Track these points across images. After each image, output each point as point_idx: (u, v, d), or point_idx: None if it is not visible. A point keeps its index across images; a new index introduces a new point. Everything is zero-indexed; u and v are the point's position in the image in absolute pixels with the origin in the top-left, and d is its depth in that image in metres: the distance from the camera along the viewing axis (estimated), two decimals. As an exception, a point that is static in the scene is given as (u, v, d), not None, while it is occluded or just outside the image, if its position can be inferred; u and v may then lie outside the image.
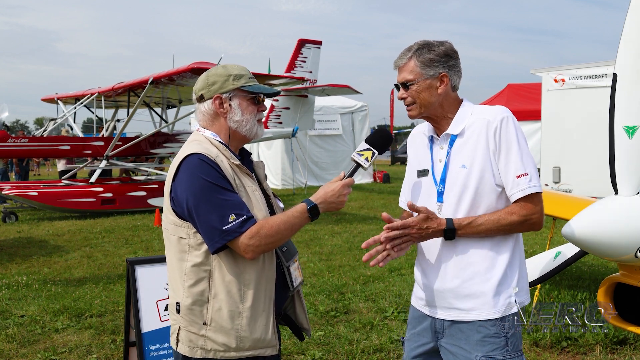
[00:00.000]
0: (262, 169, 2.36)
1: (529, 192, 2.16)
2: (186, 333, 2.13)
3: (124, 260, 6.56)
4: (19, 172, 17.17)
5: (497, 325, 2.20)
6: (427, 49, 2.25)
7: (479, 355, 2.19)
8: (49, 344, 4.70)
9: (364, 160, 2.23)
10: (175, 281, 2.15)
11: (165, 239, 2.23)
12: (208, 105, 2.23)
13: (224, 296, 2.08)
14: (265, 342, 2.15)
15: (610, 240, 2.96)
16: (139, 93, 12.57)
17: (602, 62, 10.66)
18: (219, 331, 2.09)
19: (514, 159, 2.16)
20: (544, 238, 8.12)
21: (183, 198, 2.06)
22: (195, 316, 2.10)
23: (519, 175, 2.16)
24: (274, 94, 2.33)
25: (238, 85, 2.21)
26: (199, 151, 2.10)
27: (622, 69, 3.12)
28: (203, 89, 2.23)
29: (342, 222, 10.82)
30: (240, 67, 2.27)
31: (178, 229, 2.12)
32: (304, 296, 5.83)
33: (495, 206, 2.21)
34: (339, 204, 2.17)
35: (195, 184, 2.05)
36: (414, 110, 2.29)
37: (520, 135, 2.20)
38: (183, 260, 2.12)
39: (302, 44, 16.54)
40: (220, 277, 2.09)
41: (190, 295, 2.10)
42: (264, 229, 2.05)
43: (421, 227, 2.16)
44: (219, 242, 2.03)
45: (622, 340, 4.47)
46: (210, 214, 2.02)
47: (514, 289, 2.22)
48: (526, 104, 18.95)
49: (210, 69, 2.28)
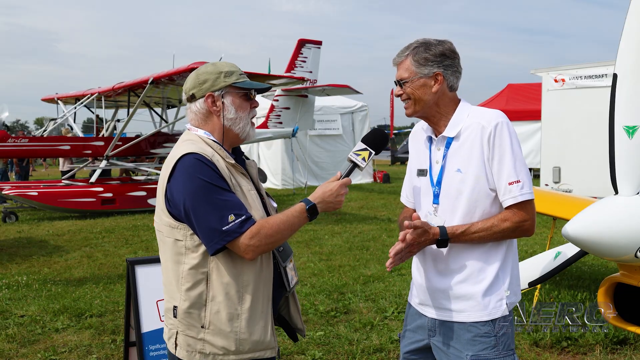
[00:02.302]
0: (254, 168, 2.31)
1: (520, 199, 2.17)
2: (184, 337, 2.08)
3: (124, 260, 6.56)
4: (19, 172, 17.17)
5: (487, 325, 2.21)
6: (424, 48, 2.25)
7: (469, 355, 2.21)
8: (49, 344, 4.70)
9: (360, 160, 2.23)
10: (171, 284, 2.11)
11: (159, 241, 2.17)
12: (200, 105, 2.18)
13: (222, 298, 2.05)
14: (265, 344, 2.13)
15: (610, 240, 2.96)
16: (139, 93, 12.57)
17: (602, 62, 10.66)
18: (218, 334, 2.05)
19: (506, 165, 2.17)
20: (544, 238, 8.12)
21: (180, 199, 2.01)
22: (193, 320, 2.07)
23: (511, 182, 2.17)
24: (265, 89, 2.31)
25: (230, 82, 2.16)
26: (195, 150, 2.05)
27: (622, 69, 3.12)
28: (194, 87, 2.18)
29: (342, 222, 10.82)
30: (230, 64, 2.22)
31: (174, 230, 2.07)
32: (305, 296, 5.86)
33: (490, 211, 2.22)
34: (337, 204, 2.15)
35: (193, 185, 2.00)
36: (409, 108, 2.30)
37: (514, 142, 2.19)
38: (179, 263, 2.07)
39: (302, 44, 16.53)
40: (218, 279, 2.05)
41: (187, 298, 2.06)
42: (264, 229, 2.02)
43: (419, 242, 2.18)
44: (219, 243, 1.98)
45: (622, 340, 4.47)
46: (208, 215, 1.98)
47: (506, 292, 2.24)
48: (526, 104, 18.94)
49: (199, 68, 2.23)
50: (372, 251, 8.28)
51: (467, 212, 2.22)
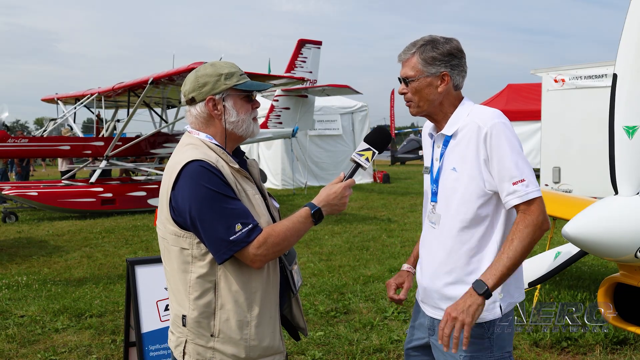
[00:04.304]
0: (255, 168, 2.25)
1: (526, 198, 2.10)
2: (194, 346, 2.05)
3: (124, 260, 6.56)
4: (20, 173, 17.16)
5: (480, 327, 2.20)
6: (431, 47, 2.22)
7: (462, 355, 2.20)
8: (49, 344, 4.70)
9: (364, 160, 2.19)
10: (180, 293, 2.06)
11: (163, 249, 2.13)
12: (201, 108, 2.12)
13: (232, 306, 2.01)
14: (274, 349, 2.11)
15: (610, 240, 2.96)
16: (139, 93, 12.56)
17: (602, 62, 10.66)
18: (228, 342, 2.02)
19: (507, 165, 2.11)
20: (544, 238, 8.12)
21: (185, 208, 1.97)
22: (202, 328, 2.03)
23: (516, 182, 2.10)
24: (266, 88, 2.29)
25: (230, 84, 2.10)
26: (199, 157, 1.99)
27: (622, 69, 3.13)
28: (193, 91, 2.11)
29: (342, 222, 10.82)
30: (229, 65, 2.15)
31: (179, 239, 2.02)
32: (305, 296, 5.86)
33: (485, 211, 2.19)
34: (342, 206, 2.11)
35: (198, 193, 1.95)
36: (413, 107, 2.28)
37: (512, 140, 2.14)
38: (187, 272, 2.03)
39: (302, 44, 16.52)
40: (226, 287, 2.01)
41: (196, 307, 2.02)
42: (271, 238, 1.98)
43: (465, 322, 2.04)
44: (227, 253, 1.94)
45: (622, 340, 4.47)
46: (215, 225, 1.94)
47: (499, 294, 2.21)
48: (526, 104, 18.96)
49: (199, 69, 2.15)
50: (372, 251, 8.28)
51: (462, 212, 2.21)
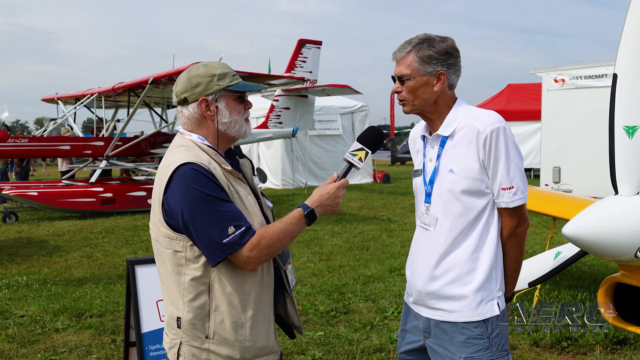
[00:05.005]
0: (248, 167, 2.25)
1: (512, 205, 2.22)
2: (188, 348, 2.05)
3: (124, 260, 6.56)
4: (19, 173, 17.16)
5: (480, 327, 2.21)
6: (427, 45, 2.21)
7: (462, 357, 2.21)
8: (49, 344, 4.70)
9: (357, 160, 2.18)
10: (174, 295, 2.07)
11: (156, 252, 2.14)
12: (193, 109, 2.11)
13: (226, 308, 2.02)
14: (268, 349, 2.12)
15: (610, 240, 2.96)
16: (139, 93, 12.56)
17: (602, 62, 10.67)
18: (223, 344, 2.03)
19: (500, 171, 2.18)
20: (544, 238, 8.11)
21: (177, 211, 1.97)
22: (197, 330, 2.03)
23: (504, 189, 2.20)
24: (259, 89, 2.28)
25: (223, 85, 2.10)
26: (191, 160, 1.99)
27: (622, 69, 3.13)
28: (186, 91, 2.10)
29: (342, 222, 10.82)
30: (222, 65, 2.15)
31: (172, 242, 2.03)
32: (305, 296, 5.86)
33: (482, 211, 2.22)
34: (335, 206, 2.12)
35: (190, 196, 1.95)
36: (407, 105, 2.27)
37: (510, 146, 2.18)
38: (180, 274, 2.03)
39: (302, 44, 16.52)
40: (220, 289, 2.02)
41: (191, 309, 2.02)
42: (264, 240, 1.98)
43: None
44: (220, 256, 1.95)
45: (622, 340, 4.47)
46: (208, 228, 1.94)
47: (497, 292, 2.24)
48: (526, 104, 18.97)
49: (191, 69, 2.14)
50: (372, 251, 8.28)
51: (459, 213, 2.21)
